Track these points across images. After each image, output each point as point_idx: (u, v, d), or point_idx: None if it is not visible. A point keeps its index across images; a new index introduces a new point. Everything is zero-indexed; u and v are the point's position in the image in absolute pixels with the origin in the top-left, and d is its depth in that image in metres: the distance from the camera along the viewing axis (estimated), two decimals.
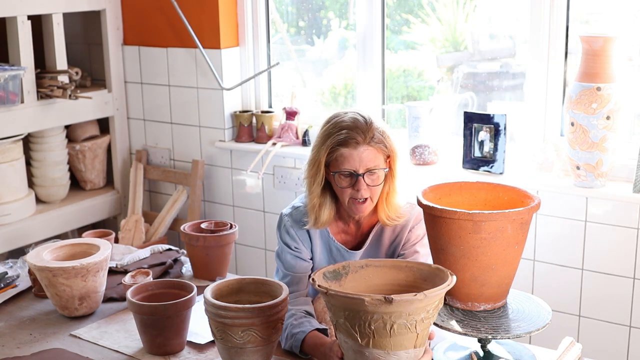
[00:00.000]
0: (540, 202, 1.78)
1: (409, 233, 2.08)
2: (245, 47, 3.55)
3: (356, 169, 1.96)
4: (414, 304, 1.60)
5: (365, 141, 1.96)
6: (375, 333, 1.63)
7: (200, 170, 3.61)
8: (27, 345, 1.94)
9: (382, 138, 1.99)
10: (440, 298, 1.66)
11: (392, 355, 1.66)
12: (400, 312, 1.61)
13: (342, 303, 1.64)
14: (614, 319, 2.77)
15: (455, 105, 3.19)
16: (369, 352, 1.65)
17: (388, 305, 1.59)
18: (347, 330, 1.66)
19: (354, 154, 1.96)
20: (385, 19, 3.23)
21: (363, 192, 1.97)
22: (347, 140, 1.96)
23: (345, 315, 1.64)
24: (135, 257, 2.44)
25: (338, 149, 1.97)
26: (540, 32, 2.85)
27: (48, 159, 3.59)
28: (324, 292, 1.66)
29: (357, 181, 1.96)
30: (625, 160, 2.77)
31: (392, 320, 1.61)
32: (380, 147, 1.98)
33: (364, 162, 1.96)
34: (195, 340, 1.93)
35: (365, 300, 1.59)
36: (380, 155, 1.99)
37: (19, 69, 3.24)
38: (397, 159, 2.04)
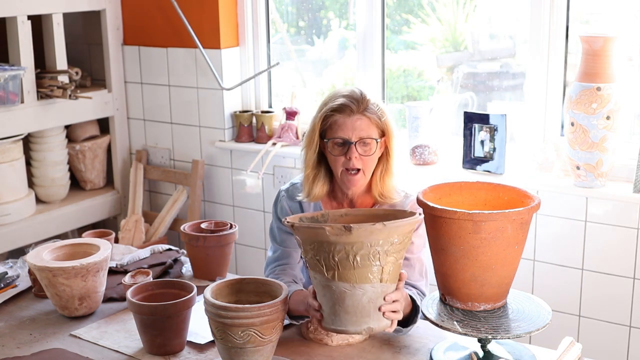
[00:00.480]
0: (540, 202, 1.78)
1: None
2: (245, 47, 3.55)
3: (349, 137, 2.00)
4: (374, 233, 1.64)
5: (359, 110, 2.00)
6: (339, 265, 1.67)
7: (200, 170, 3.61)
8: (27, 345, 1.94)
9: (377, 111, 2.02)
10: (403, 233, 1.69)
11: (358, 289, 1.69)
12: (361, 243, 1.64)
13: (308, 235, 1.69)
14: (614, 319, 2.77)
15: (455, 105, 3.19)
16: (335, 286, 1.69)
17: (348, 234, 1.63)
18: (315, 265, 1.71)
19: (347, 121, 2.00)
20: (385, 19, 3.23)
21: (355, 161, 2.00)
22: (341, 107, 2.01)
23: (312, 248, 1.69)
24: (135, 257, 2.44)
25: (332, 116, 2.02)
26: (540, 32, 2.85)
27: (48, 159, 3.59)
28: (291, 225, 1.71)
29: (349, 149, 2.00)
30: (625, 160, 2.77)
31: (354, 251, 1.65)
32: (374, 118, 2.01)
33: (356, 131, 1.99)
34: (195, 340, 1.93)
35: (326, 230, 1.63)
36: (373, 127, 2.01)
37: (19, 69, 3.24)
38: (393, 139, 2.06)
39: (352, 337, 1.92)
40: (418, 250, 2.10)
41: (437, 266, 1.83)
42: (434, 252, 1.82)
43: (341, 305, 1.71)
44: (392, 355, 1.86)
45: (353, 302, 1.70)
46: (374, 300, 1.71)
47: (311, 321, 1.89)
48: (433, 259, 1.84)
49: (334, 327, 1.74)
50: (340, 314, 1.72)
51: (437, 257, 1.81)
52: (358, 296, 1.70)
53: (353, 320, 1.72)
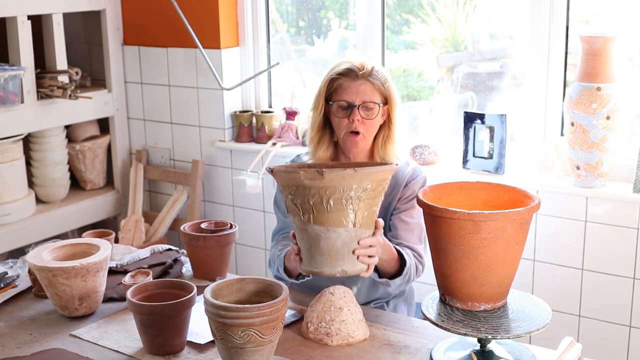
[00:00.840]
0: (540, 202, 1.78)
1: (404, 189, 2.18)
2: (245, 47, 3.55)
3: (353, 101, 2.10)
4: (346, 178, 1.71)
5: (363, 76, 2.11)
6: (314, 208, 1.75)
7: (200, 170, 3.61)
8: (27, 345, 1.94)
9: (380, 78, 2.13)
10: (377, 180, 1.76)
11: (332, 232, 1.76)
12: (334, 187, 1.72)
13: (286, 180, 1.78)
14: (614, 319, 2.77)
15: (455, 105, 3.19)
16: (311, 228, 1.77)
17: (321, 178, 1.71)
18: (293, 209, 1.79)
19: (352, 85, 2.11)
20: (385, 19, 3.23)
21: (357, 124, 2.10)
22: (347, 71, 2.12)
23: (290, 192, 1.77)
24: (135, 257, 2.43)
25: (338, 79, 2.13)
26: (540, 32, 2.85)
27: (48, 159, 3.59)
28: (270, 171, 1.81)
29: (352, 112, 2.10)
30: (625, 160, 2.77)
31: (327, 195, 1.73)
32: (377, 84, 2.12)
33: (360, 95, 2.10)
34: (195, 340, 1.93)
35: (300, 174, 1.72)
36: (376, 93, 2.12)
37: (19, 69, 3.24)
38: (396, 108, 2.16)
39: (352, 337, 1.92)
40: (418, 215, 2.16)
41: (437, 266, 1.83)
42: (434, 252, 1.82)
43: (317, 247, 1.79)
44: (392, 355, 1.86)
45: (327, 245, 1.78)
46: (348, 244, 1.79)
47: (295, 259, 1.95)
48: (433, 259, 1.84)
49: (310, 269, 1.84)
50: (316, 256, 1.80)
51: (437, 257, 1.81)
52: (332, 239, 1.77)
53: (328, 263, 1.80)
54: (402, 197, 2.19)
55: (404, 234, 2.17)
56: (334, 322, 1.92)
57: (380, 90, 2.13)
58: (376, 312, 2.12)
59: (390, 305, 2.33)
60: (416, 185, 2.20)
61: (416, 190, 2.17)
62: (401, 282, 2.09)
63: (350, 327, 1.92)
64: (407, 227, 2.17)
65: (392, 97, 2.16)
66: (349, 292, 1.98)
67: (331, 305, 1.94)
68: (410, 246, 2.17)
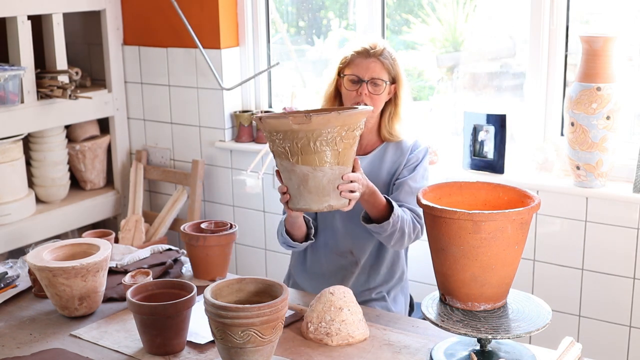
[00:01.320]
0: (540, 202, 1.78)
1: (409, 155, 2.36)
2: (245, 47, 3.55)
3: (362, 76, 2.29)
4: (331, 121, 1.86)
5: (374, 54, 2.30)
6: (302, 150, 1.89)
7: (200, 170, 3.61)
8: (27, 345, 1.94)
9: (391, 60, 2.32)
10: (356, 121, 1.91)
11: (319, 171, 1.91)
12: (320, 130, 1.86)
13: (274, 126, 1.90)
14: (614, 319, 2.77)
15: (455, 105, 3.19)
16: (299, 169, 1.92)
17: (309, 122, 1.85)
18: (281, 153, 1.92)
19: (363, 62, 2.30)
20: (385, 19, 3.23)
21: (364, 97, 2.28)
22: (360, 49, 2.32)
23: (278, 137, 1.90)
24: (135, 257, 2.43)
25: (352, 55, 2.32)
26: (540, 32, 2.85)
27: (48, 159, 3.59)
28: (259, 119, 1.93)
29: (361, 86, 2.29)
30: (625, 160, 2.77)
31: (314, 137, 1.87)
32: (387, 64, 2.30)
33: (369, 71, 2.29)
34: (195, 340, 1.93)
35: (289, 119, 1.86)
36: (385, 72, 2.30)
37: (19, 69, 3.24)
38: (402, 88, 2.35)
39: (352, 337, 1.92)
40: (421, 180, 2.35)
41: (437, 266, 1.83)
42: (434, 252, 1.82)
43: (305, 186, 1.94)
44: (392, 355, 1.86)
45: (315, 183, 1.93)
46: (333, 181, 1.94)
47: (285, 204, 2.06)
48: (433, 259, 1.84)
49: (299, 207, 1.98)
50: (304, 194, 1.95)
51: (437, 257, 1.81)
52: (319, 178, 1.93)
53: (316, 199, 1.95)
54: (406, 163, 2.36)
55: (406, 197, 2.32)
56: (334, 322, 1.92)
57: (388, 69, 2.31)
58: (376, 312, 2.12)
59: (391, 296, 2.42)
60: (420, 153, 2.37)
61: (419, 157, 2.36)
62: (392, 227, 2.21)
63: (350, 327, 1.92)
64: (409, 190, 2.32)
65: (399, 77, 2.34)
66: (349, 292, 1.98)
67: (331, 305, 1.94)
68: (410, 207, 2.31)
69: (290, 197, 1.99)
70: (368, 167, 2.35)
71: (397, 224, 2.21)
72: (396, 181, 2.36)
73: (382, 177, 2.36)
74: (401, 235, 2.25)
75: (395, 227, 2.21)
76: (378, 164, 2.37)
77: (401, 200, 2.31)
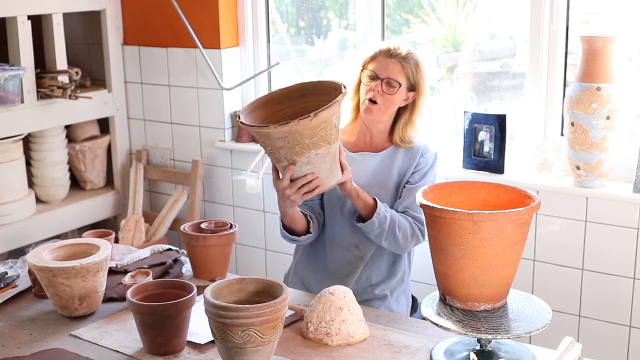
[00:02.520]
0: (540, 202, 1.78)
1: (420, 158, 2.39)
2: (245, 47, 3.55)
3: (380, 74, 2.33)
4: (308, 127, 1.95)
5: (396, 56, 2.34)
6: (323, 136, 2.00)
7: (200, 170, 3.61)
8: (27, 345, 1.94)
9: (413, 64, 2.35)
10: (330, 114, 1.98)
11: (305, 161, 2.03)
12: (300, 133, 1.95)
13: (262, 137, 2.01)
14: (614, 319, 2.77)
15: (455, 105, 3.19)
16: (332, 149, 2.04)
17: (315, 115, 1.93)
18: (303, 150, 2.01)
19: (384, 61, 2.34)
20: (385, 19, 3.23)
21: (376, 93, 2.32)
22: (385, 48, 2.36)
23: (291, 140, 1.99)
24: (135, 257, 2.43)
25: (377, 52, 2.37)
26: (540, 32, 2.85)
27: (48, 159, 3.59)
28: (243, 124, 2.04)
29: (376, 83, 2.33)
30: (625, 160, 2.77)
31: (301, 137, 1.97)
32: (407, 68, 2.34)
33: (387, 71, 2.33)
34: (195, 340, 1.93)
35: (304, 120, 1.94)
36: (403, 75, 2.34)
37: (19, 69, 3.24)
38: (422, 97, 2.39)
39: (352, 337, 1.92)
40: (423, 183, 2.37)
41: (437, 266, 1.83)
42: (434, 252, 1.82)
43: (335, 162, 2.08)
44: (392, 355, 1.86)
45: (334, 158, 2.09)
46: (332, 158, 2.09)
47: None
48: (433, 259, 1.84)
49: (333, 183, 2.12)
50: (334, 169, 2.09)
51: (437, 257, 1.81)
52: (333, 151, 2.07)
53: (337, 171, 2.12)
54: (416, 166, 2.40)
55: (411, 203, 2.36)
56: (334, 322, 1.92)
57: (407, 74, 2.35)
58: (376, 312, 2.12)
59: (393, 296, 2.45)
60: (430, 158, 2.41)
61: (429, 162, 2.40)
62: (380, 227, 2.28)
63: (350, 327, 1.92)
64: (410, 194, 2.35)
65: (420, 85, 2.37)
66: (349, 292, 1.98)
67: (331, 305, 1.94)
68: (414, 215, 2.36)
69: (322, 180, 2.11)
70: (379, 166, 2.39)
71: (385, 224, 2.29)
72: (406, 184, 2.39)
73: (392, 176, 2.40)
74: (393, 237, 2.32)
75: (382, 227, 2.29)
76: (389, 163, 2.40)
77: (408, 207, 2.37)
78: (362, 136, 2.44)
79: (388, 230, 2.30)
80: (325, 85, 2.16)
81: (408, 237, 2.34)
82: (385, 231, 2.29)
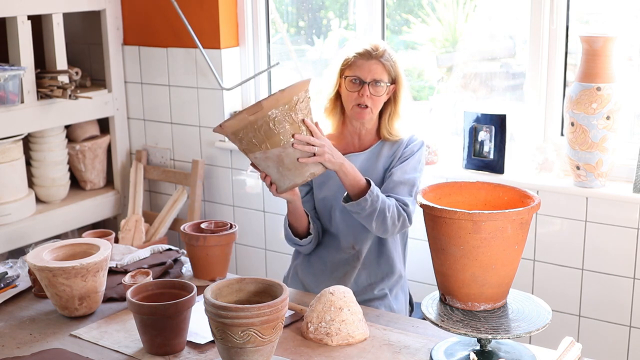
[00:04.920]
0: (540, 202, 1.78)
1: (404, 148, 2.39)
2: (245, 47, 3.55)
3: (364, 77, 2.32)
4: (279, 99, 1.94)
5: (376, 57, 2.33)
6: (266, 136, 1.97)
7: (200, 170, 3.61)
8: (27, 345, 1.94)
9: (391, 61, 2.35)
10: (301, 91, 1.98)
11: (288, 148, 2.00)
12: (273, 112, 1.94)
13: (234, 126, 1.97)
14: (614, 319, 2.77)
15: (455, 105, 3.19)
16: (271, 153, 2.01)
17: (261, 108, 1.93)
18: (252, 147, 2.00)
19: (365, 64, 2.32)
20: (385, 19, 3.23)
21: (365, 98, 2.31)
22: (362, 51, 2.35)
23: (244, 134, 1.98)
24: (135, 257, 2.43)
25: (354, 57, 2.35)
26: (540, 32, 2.85)
27: (48, 159, 3.59)
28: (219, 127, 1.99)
29: (363, 87, 2.32)
30: (625, 160, 2.77)
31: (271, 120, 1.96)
32: (387, 66, 2.34)
33: (371, 73, 2.32)
34: (195, 340, 1.93)
35: (244, 113, 1.94)
36: (386, 73, 2.33)
37: (19, 69, 3.24)
38: (402, 88, 2.39)
39: (352, 337, 1.92)
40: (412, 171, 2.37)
41: (437, 266, 1.83)
42: (434, 252, 1.82)
43: (283, 166, 2.03)
44: (392, 355, 1.86)
45: (290, 159, 2.02)
46: (305, 152, 2.03)
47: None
48: (433, 259, 1.84)
49: (286, 187, 2.09)
50: (285, 173, 2.05)
51: (437, 257, 1.81)
52: (290, 153, 2.01)
53: (297, 173, 2.05)
54: (401, 156, 2.39)
55: (394, 187, 2.34)
56: (334, 322, 1.92)
57: (389, 71, 2.34)
58: (376, 312, 2.12)
59: (393, 293, 2.45)
60: (415, 146, 2.40)
61: (414, 150, 2.39)
62: (371, 206, 2.23)
63: (350, 327, 1.92)
64: (397, 180, 2.34)
65: (399, 77, 2.38)
66: (349, 292, 1.98)
67: (331, 305, 1.94)
68: (397, 197, 2.32)
69: (275, 183, 2.10)
70: (365, 164, 2.39)
71: (377, 204, 2.22)
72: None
73: (378, 171, 2.39)
74: (382, 218, 2.25)
75: (374, 207, 2.22)
76: (374, 160, 2.40)
77: (388, 191, 2.34)
78: (350, 139, 2.43)
79: (379, 211, 2.23)
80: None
81: (395, 219, 2.28)
82: (376, 211, 2.23)
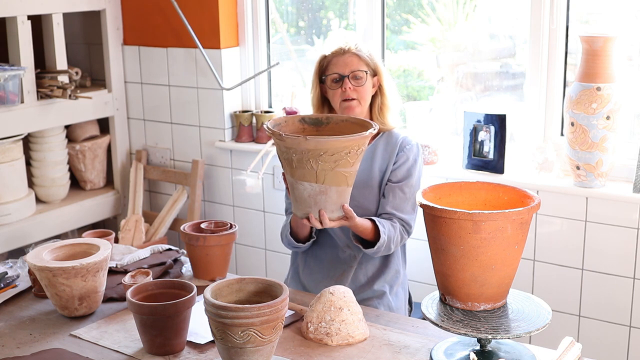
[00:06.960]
0: (540, 202, 1.78)
1: (398, 154, 2.39)
2: (245, 47, 3.55)
3: (342, 72, 2.35)
4: (301, 144, 1.93)
5: (349, 50, 2.37)
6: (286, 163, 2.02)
7: (200, 170, 3.61)
8: (27, 345, 1.94)
9: (365, 50, 2.38)
10: (332, 148, 1.93)
11: (299, 184, 2.03)
12: (294, 149, 1.95)
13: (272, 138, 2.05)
14: (614, 319, 2.77)
15: (455, 106, 3.19)
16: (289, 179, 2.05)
17: (283, 140, 1.96)
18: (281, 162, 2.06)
19: (340, 60, 2.36)
20: (385, 19, 3.23)
21: (349, 91, 2.34)
22: (335, 50, 2.39)
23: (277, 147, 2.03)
24: (135, 257, 2.43)
25: (328, 57, 2.39)
26: (540, 32, 2.85)
27: (48, 159, 3.59)
28: (279, 136, 1.98)
29: (344, 82, 2.35)
30: (625, 160, 2.77)
31: (291, 154, 1.97)
32: (363, 57, 2.37)
33: (348, 66, 2.35)
34: (195, 340, 1.93)
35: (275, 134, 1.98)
36: (363, 63, 2.37)
37: (19, 69, 3.24)
38: (385, 78, 2.42)
39: (352, 337, 1.92)
40: (416, 185, 2.39)
41: (437, 266, 1.83)
42: (434, 252, 1.82)
43: (293, 194, 2.09)
44: (392, 355, 1.86)
45: (297, 194, 2.06)
46: (314, 196, 2.04)
47: None
48: (433, 259, 1.84)
49: (293, 212, 2.14)
50: (293, 201, 2.11)
51: (437, 257, 1.81)
52: (300, 190, 2.04)
53: (299, 208, 2.09)
54: (396, 162, 2.40)
55: (400, 204, 2.37)
56: (334, 322, 1.92)
57: (366, 61, 2.38)
58: (376, 312, 2.12)
59: (392, 291, 2.46)
60: (410, 152, 2.41)
61: (409, 156, 2.40)
62: (376, 251, 2.32)
63: (350, 327, 1.92)
64: (403, 197, 2.37)
65: (379, 69, 2.40)
66: (348, 292, 1.98)
67: (331, 305, 1.94)
68: (402, 217, 2.37)
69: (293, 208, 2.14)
70: (361, 167, 2.38)
71: (383, 246, 2.32)
72: (389, 182, 2.39)
73: (374, 174, 2.40)
74: (388, 250, 2.36)
75: (380, 249, 2.32)
76: (370, 162, 2.41)
77: (394, 208, 2.37)
78: None
79: (385, 248, 2.34)
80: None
81: (398, 243, 2.38)
82: (383, 249, 2.34)
